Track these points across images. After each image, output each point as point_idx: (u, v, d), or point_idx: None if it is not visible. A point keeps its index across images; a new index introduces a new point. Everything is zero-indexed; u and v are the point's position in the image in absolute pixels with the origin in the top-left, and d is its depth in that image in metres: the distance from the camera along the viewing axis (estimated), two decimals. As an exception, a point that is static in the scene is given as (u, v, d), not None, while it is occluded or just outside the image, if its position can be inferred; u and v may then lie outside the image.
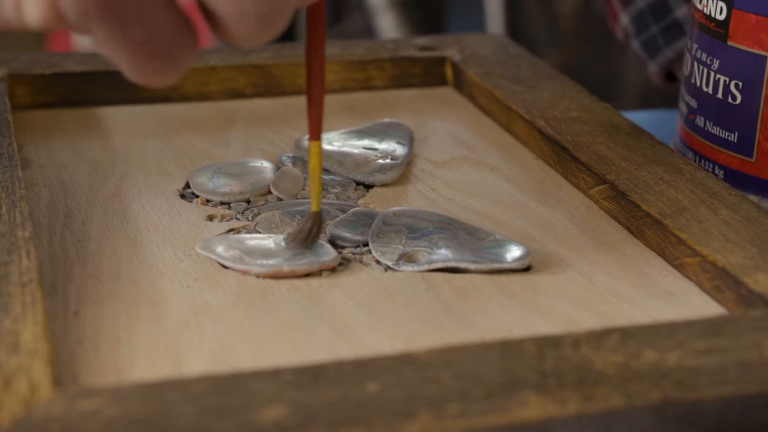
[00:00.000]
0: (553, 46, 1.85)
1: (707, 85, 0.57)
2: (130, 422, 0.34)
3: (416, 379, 0.37)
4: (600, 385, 0.37)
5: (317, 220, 0.48)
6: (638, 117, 0.72)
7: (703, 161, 0.58)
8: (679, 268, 0.48)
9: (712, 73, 0.57)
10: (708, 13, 0.56)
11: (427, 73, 0.69)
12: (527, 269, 0.48)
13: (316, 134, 0.48)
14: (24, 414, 0.34)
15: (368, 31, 1.93)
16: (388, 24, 1.91)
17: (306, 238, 0.48)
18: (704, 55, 0.57)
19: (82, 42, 1.92)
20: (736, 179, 0.56)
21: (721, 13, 0.56)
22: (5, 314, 0.39)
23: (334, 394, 0.36)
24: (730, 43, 0.55)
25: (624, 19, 0.76)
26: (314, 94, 0.47)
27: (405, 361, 0.38)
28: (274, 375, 0.37)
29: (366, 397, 0.36)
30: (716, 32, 0.56)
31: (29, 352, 0.37)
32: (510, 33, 1.84)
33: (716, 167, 0.57)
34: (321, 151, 0.48)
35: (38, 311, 0.40)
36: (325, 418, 0.35)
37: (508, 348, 0.39)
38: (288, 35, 2.10)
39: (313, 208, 0.48)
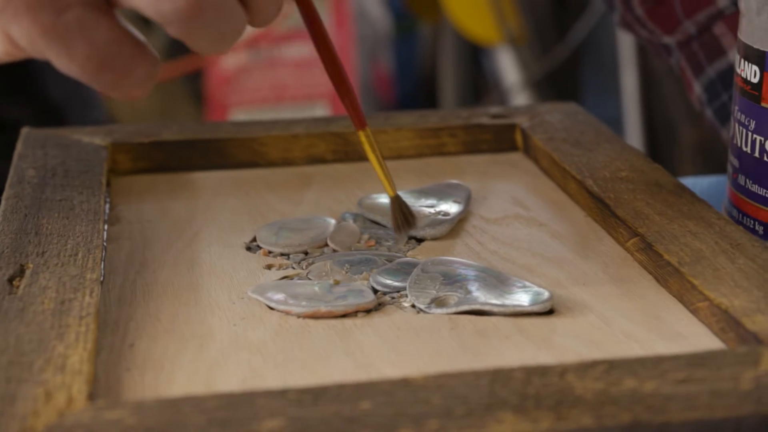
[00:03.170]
0: (688, 122, 1.87)
1: (746, 145, 0.60)
2: (145, 430, 0.39)
3: (407, 399, 0.41)
4: (575, 407, 0.41)
5: (397, 204, 0.53)
6: (712, 181, 0.75)
7: (745, 218, 0.61)
8: (695, 312, 0.51)
9: (750, 134, 0.60)
10: (745, 76, 0.60)
11: (498, 140, 0.73)
12: (550, 312, 0.52)
13: (360, 123, 0.53)
14: (57, 421, 0.40)
15: (507, 111, 1.98)
16: (523, 103, 1.96)
17: (404, 224, 0.53)
18: (743, 117, 0.60)
19: (236, 114, 2.02)
20: (773, 234, 0.59)
21: (755, 76, 0.59)
22: (60, 341, 0.45)
23: (329, 410, 0.40)
24: (764, 104, 0.58)
25: (697, 88, 0.79)
26: (340, 86, 0.52)
27: (401, 384, 0.42)
28: (281, 394, 0.41)
29: (357, 413, 0.40)
30: (752, 95, 0.59)
31: (73, 372, 0.43)
32: (646, 110, 1.87)
33: (757, 224, 0.60)
34: (371, 138, 0.52)
35: (89, 340, 0.45)
36: (316, 430, 0.39)
37: (498, 375, 0.43)
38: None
39: (390, 193, 0.53)
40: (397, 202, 0.54)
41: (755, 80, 0.59)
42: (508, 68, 1.95)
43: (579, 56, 2.00)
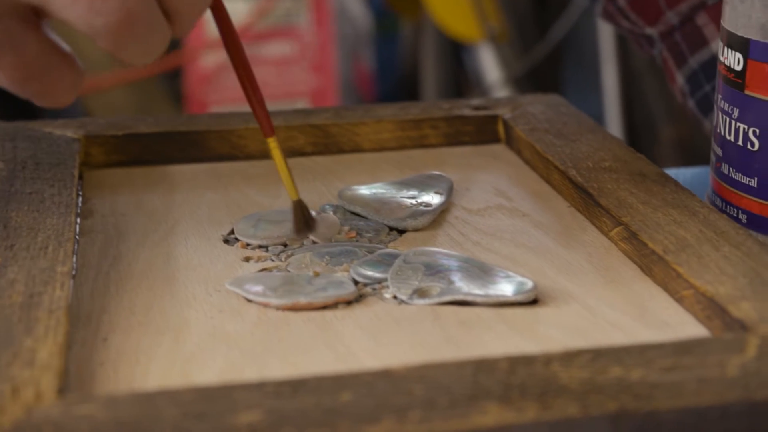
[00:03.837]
0: (668, 120, 1.86)
1: (729, 134, 0.59)
2: (117, 424, 0.38)
3: (388, 390, 0.40)
4: (560, 396, 0.40)
5: (299, 207, 0.56)
6: (695, 172, 0.74)
7: (728, 207, 0.60)
8: (680, 301, 0.50)
9: (733, 122, 0.59)
10: (728, 64, 0.59)
11: (480, 132, 0.72)
12: (534, 302, 0.51)
13: (269, 131, 0.56)
14: (24, 417, 0.38)
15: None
16: (506, 101, 1.94)
17: (305, 227, 0.56)
18: (726, 105, 0.59)
19: (216, 109, 2.01)
20: (758, 223, 0.58)
21: (738, 63, 0.58)
22: (28, 335, 0.44)
23: (308, 402, 0.39)
24: (747, 92, 0.58)
25: (679, 79, 0.79)
26: (251, 95, 0.55)
27: (383, 375, 0.41)
28: (258, 386, 0.40)
29: (338, 405, 0.39)
30: (735, 82, 0.58)
31: (42, 366, 0.42)
32: (626, 108, 1.86)
33: (740, 212, 0.59)
34: (278, 144, 0.55)
35: (59, 333, 0.44)
36: (295, 422, 0.38)
37: (482, 365, 0.42)
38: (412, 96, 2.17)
39: (292, 197, 0.56)
40: (299, 206, 0.57)
41: (739, 68, 0.58)
42: (489, 66, 1.94)
43: (560, 54, 1.99)
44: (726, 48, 0.59)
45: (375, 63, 2.33)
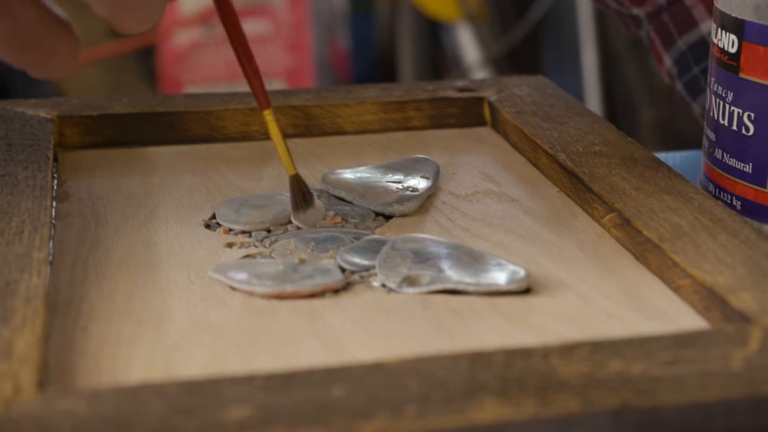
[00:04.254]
0: (648, 103, 1.85)
1: (723, 118, 0.58)
2: (100, 420, 0.36)
3: (381, 384, 0.39)
4: (560, 391, 0.38)
5: (297, 182, 0.54)
6: (684, 156, 0.73)
7: (722, 193, 0.59)
8: (677, 291, 0.49)
9: (727, 106, 0.58)
10: (722, 46, 0.57)
11: (465, 114, 0.71)
12: (526, 291, 0.49)
13: (265, 103, 0.54)
14: (2, 412, 0.37)
15: (464, 89, 1.95)
16: (483, 81, 1.93)
17: (302, 203, 0.54)
18: (720, 88, 0.58)
19: (190, 88, 1.99)
20: (752, 209, 0.57)
21: (733, 46, 0.57)
22: (5, 325, 0.42)
23: (299, 396, 0.38)
24: (742, 75, 0.56)
25: (667, 61, 0.77)
26: (247, 67, 0.54)
27: (375, 368, 0.40)
28: (247, 380, 0.39)
29: (330, 400, 0.38)
30: (729, 65, 0.57)
31: (20, 358, 0.40)
32: (606, 90, 1.85)
33: (734, 198, 0.58)
34: (274, 117, 0.54)
35: (37, 324, 0.42)
36: (285, 418, 0.37)
37: (478, 358, 0.40)
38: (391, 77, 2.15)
39: (289, 171, 0.55)
40: (296, 181, 0.56)
41: (733, 50, 0.57)
42: (467, 46, 1.93)
43: (538, 34, 1.97)
44: (719, 30, 0.58)
45: (351, 42, 2.31)
